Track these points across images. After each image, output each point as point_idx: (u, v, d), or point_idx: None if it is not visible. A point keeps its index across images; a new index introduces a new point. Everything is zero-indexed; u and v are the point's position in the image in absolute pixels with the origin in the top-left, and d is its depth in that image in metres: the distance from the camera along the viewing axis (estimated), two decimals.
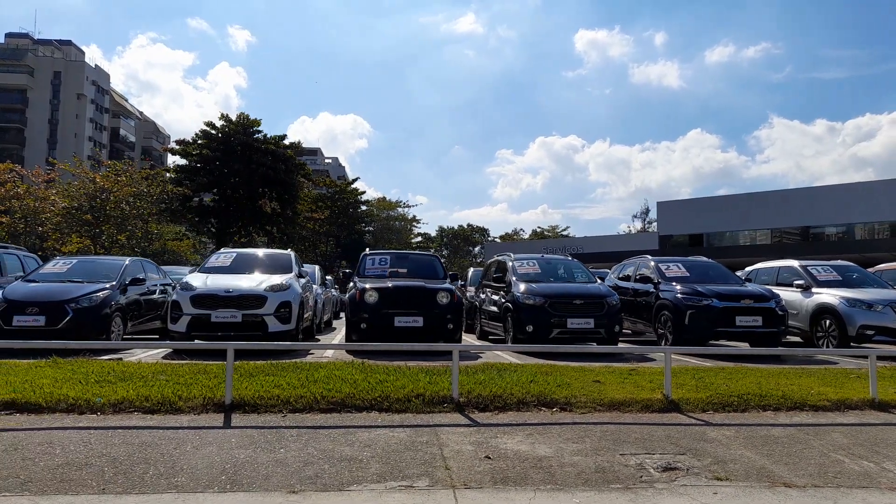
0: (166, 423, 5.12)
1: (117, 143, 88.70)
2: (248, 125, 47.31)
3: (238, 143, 45.95)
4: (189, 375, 6.49)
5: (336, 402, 5.67)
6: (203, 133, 46.86)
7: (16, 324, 8.66)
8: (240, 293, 9.06)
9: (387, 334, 9.26)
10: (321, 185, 59.52)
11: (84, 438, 4.62)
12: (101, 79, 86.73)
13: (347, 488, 3.79)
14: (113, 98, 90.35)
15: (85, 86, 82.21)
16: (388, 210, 71.26)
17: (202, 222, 47.93)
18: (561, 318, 9.58)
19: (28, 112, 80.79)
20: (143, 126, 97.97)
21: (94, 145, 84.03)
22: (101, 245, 43.78)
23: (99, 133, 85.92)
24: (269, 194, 47.47)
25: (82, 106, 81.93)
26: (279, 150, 48.34)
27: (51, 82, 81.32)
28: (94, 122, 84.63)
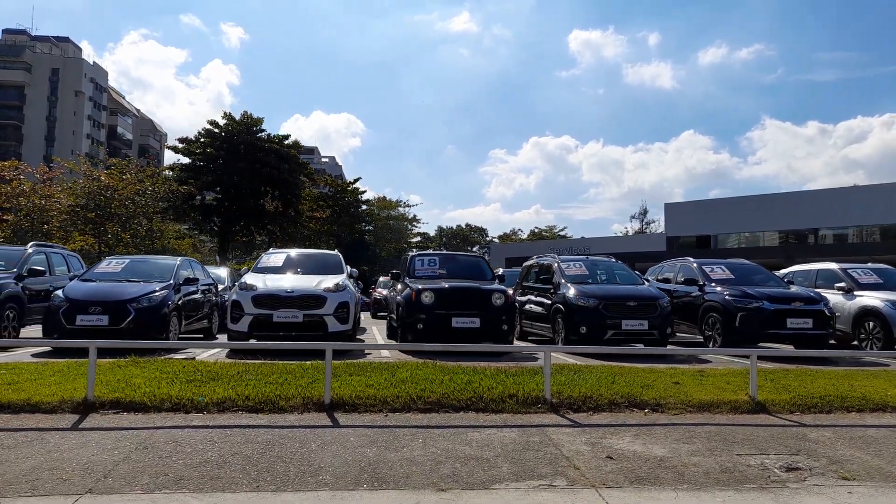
0: (276, 422, 5.19)
1: (114, 141, 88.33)
2: (252, 124, 47.36)
3: (242, 142, 46.02)
4: (277, 375, 6.56)
5: (432, 402, 5.75)
6: (206, 132, 46.93)
7: (79, 323, 8.71)
8: (301, 293, 9.13)
9: (444, 335, 9.33)
10: (323, 185, 59.62)
11: (207, 437, 4.69)
12: (99, 76, 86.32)
13: (492, 486, 3.87)
14: (110, 95, 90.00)
15: (83, 83, 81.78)
16: (389, 210, 71.40)
17: (205, 221, 48.01)
18: (615, 320, 9.66)
19: (25, 109, 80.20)
20: (140, 124, 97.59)
21: (92, 143, 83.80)
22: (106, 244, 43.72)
23: (97, 130, 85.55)
24: (271, 193, 47.58)
25: (80, 103, 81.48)
26: (283, 149, 48.48)
27: (48, 79, 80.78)
28: (92, 120, 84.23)
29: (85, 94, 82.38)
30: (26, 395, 5.54)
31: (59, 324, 8.74)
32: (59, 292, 9.18)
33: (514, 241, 79.63)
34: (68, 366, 6.93)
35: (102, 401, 5.46)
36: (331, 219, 56.83)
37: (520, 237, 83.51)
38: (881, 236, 43.82)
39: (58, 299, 9.02)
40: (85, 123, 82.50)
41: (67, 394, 5.57)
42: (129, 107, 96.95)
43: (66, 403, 5.38)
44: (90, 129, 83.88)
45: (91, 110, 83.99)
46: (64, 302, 8.90)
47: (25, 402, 5.36)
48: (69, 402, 5.41)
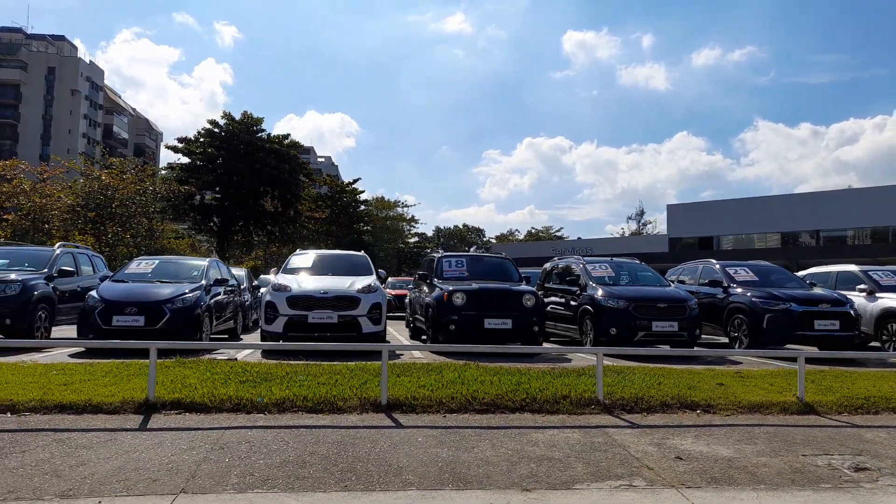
0: (339, 422, 5.24)
1: (110, 140, 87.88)
2: (252, 123, 47.38)
3: (242, 142, 46.03)
4: (327, 376, 6.61)
5: (487, 403, 5.80)
6: (207, 131, 46.92)
7: (115, 324, 8.73)
8: (335, 295, 9.18)
9: (476, 336, 9.38)
10: (322, 185, 59.69)
11: (278, 437, 4.73)
12: (95, 74, 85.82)
13: (574, 487, 3.92)
14: (107, 94, 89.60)
15: (79, 81, 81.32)
16: (387, 210, 71.53)
17: (204, 220, 48.00)
18: (645, 321, 9.73)
19: (21, 108, 79.72)
20: (136, 123, 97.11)
21: (88, 142, 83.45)
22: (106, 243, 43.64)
23: (93, 129, 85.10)
24: (271, 193, 47.62)
25: (76, 102, 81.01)
26: (283, 149, 48.50)
27: (45, 78, 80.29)
28: (88, 119, 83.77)
29: (81, 92, 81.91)
30: (85, 395, 5.57)
31: (94, 324, 8.77)
32: (94, 293, 9.20)
33: (511, 241, 79.80)
34: (116, 367, 6.96)
35: (163, 401, 5.50)
36: (329, 219, 56.92)
37: (517, 237, 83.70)
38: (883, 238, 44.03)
39: (92, 300, 9.04)
40: (81, 122, 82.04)
41: (127, 394, 5.61)
42: (125, 106, 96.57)
43: (128, 404, 5.42)
44: (86, 127, 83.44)
45: (87, 109, 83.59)
46: (99, 303, 8.92)
47: (87, 403, 5.39)
48: (131, 402, 5.44)
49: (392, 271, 56.83)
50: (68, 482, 3.74)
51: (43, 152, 76.27)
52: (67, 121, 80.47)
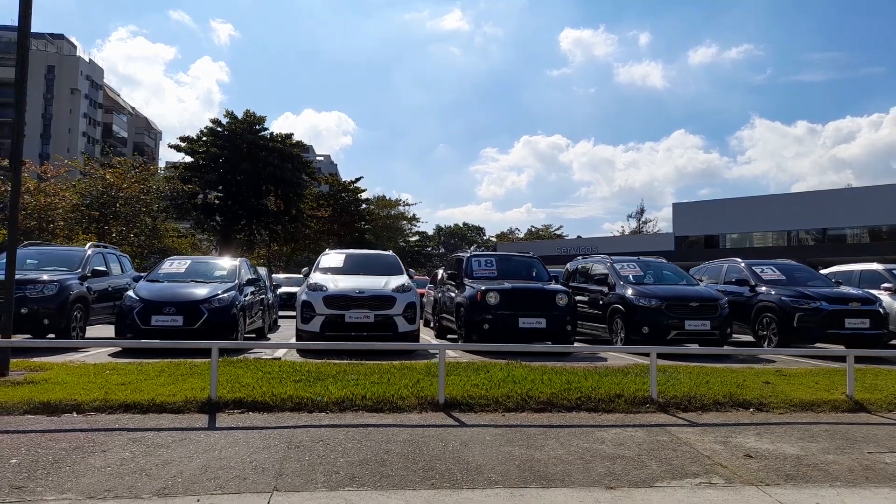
0: (403, 421, 5.29)
1: (109, 139, 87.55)
2: (254, 122, 47.42)
3: (245, 140, 46.09)
4: (378, 375, 6.67)
5: (543, 402, 5.86)
6: (209, 130, 46.95)
7: (154, 324, 8.78)
8: (371, 294, 9.23)
9: (510, 335, 9.44)
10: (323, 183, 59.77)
11: (349, 436, 4.78)
12: (95, 73, 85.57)
13: (655, 485, 3.97)
14: (106, 93, 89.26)
15: (79, 80, 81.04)
16: (389, 209, 71.69)
17: (206, 219, 48.06)
18: (678, 320, 9.79)
19: None
20: (135, 121, 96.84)
21: (88, 141, 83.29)
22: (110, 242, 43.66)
23: (93, 128, 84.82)
24: (273, 192, 47.69)
25: (76, 101, 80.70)
26: (286, 148, 48.56)
27: (44, 76, 79.59)
28: (88, 118, 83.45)
29: (81, 91, 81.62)
30: (147, 395, 5.62)
31: (133, 324, 8.81)
32: (131, 293, 9.25)
33: (512, 239, 79.90)
34: (167, 366, 7.02)
35: (225, 401, 5.55)
36: (331, 218, 57.02)
37: (517, 236, 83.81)
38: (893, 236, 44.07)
39: (130, 300, 9.09)
40: (81, 121, 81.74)
41: (189, 394, 5.66)
42: (124, 104, 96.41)
43: (191, 403, 5.47)
44: (86, 126, 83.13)
45: (87, 108, 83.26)
46: (138, 303, 8.97)
47: (150, 403, 5.44)
48: (193, 402, 5.49)
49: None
50: (159, 481, 3.79)
51: (42, 151, 76.24)
52: (67, 120, 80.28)
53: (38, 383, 6.03)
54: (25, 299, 8.74)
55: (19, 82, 6.13)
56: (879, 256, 34.90)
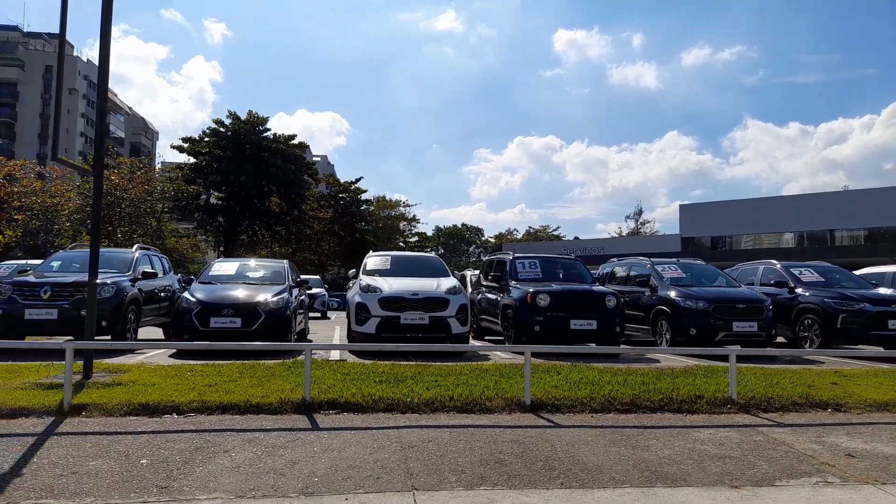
0: (497, 421, 5.38)
1: (106, 139, 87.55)
2: (257, 123, 47.51)
3: (248, 142, 46.19)
4: (454, 377, 6.76)
5: (627, 403, 5.95)
6: (212, 131, 47.02)
7: (213, 325, 8.85)
8: (425, 296, 9.31)
9: (561, 336, 9.53)
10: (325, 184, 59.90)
11: (455, 436, 4.86)
12: (93, 73, 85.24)
13: (776, 483, 4.07)
14: None
15: (77, 80, 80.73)
16: (389, 210, 71.97)
17: (209, 220, 48.14)
18: (725, 322, 9.88)
19: (18, 106, 79.08)
20: (132, 122, 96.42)
21: (86, 141, 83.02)
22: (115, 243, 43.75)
23: (91, 129, 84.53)
24: (276, 193, 47.80)
25: (74, 101, 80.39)
26: (289, 149, 48.67)
27: (42, 76, 79.49)
28: (86, 118, 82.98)
29: (79, 91, 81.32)
30: (239, 396, 5.70)
31: (191, 326, 8.88)
32: (187, 295, 9.32)
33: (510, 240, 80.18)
34: (243, 368, 7.10)
35: (319, 401, 5.63)
36: (332, 219, 57.16)
37: (515, 237, 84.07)
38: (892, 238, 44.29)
39: (187, 302, 9.16)
40: (79, 121, 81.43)
41: (282, 395, 5.74)
42: (121, 105, 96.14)
43: (287, 404, 5.55)
44: (84, 127, 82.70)
45: (85, 108, 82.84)
46: (196, 305, 9.03)
47: (246, 404, 5.52)
48: (289, 403, 5.57)
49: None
50: (296, 480, 3.87)
51: (40, 151, 76.07)
52: (65, 120, 79.71)
53: (127, 385, 6.11)
54: (84, 301, 8.79)
55: (102, 85, 6.21)
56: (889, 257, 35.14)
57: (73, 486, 3.72)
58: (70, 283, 8.94)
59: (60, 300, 8.76)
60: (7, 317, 8.59)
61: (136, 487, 3.72)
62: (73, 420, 5.13)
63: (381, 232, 68.85)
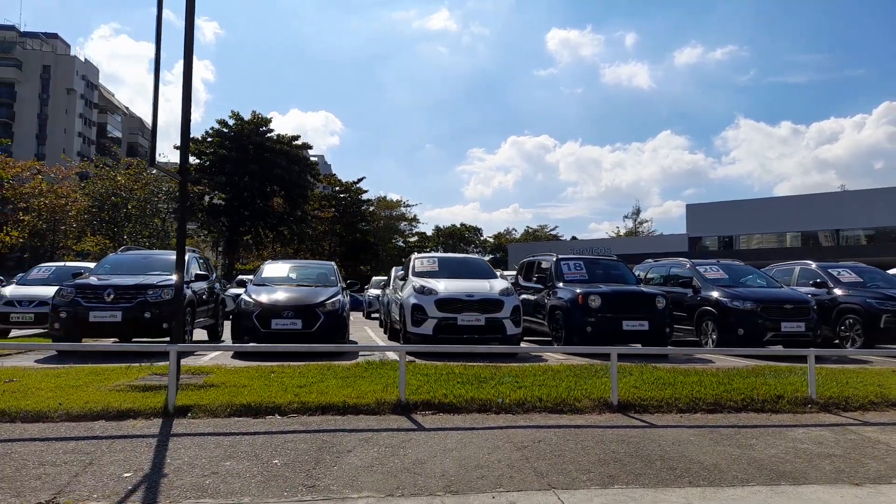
0: (592, 421, 5.50)
1: (104, 139, 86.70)
2: (260, 123, 47.59)
3: (251, 142, 46.27)
4: (531, 377, 6.87)
5: (711, 403, 6.08)
6: (216, 132, 47.10)
7: (274, 327, 8.96)
8: (481, 297, 9.43)
9: (613, 337, 9.65)
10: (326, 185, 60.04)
11: (560, 436, 4.98)
12: (91, 73, 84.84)
13: (894, 482, 4.19)
14: (101, 93, 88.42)
15: (75, 80, 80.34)
16: (391, 210, 72.14)
17: (213, 221, 48.21)
18: (773, 322, 10.02)
19: (16, 106, 78.62)
20: (129, 122, 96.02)
21: (84, 141, 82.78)
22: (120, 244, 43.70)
23: (88, 128, 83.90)
24: (278, 194, 47.92)
25: (72, 101, 79.94)
26: (292, 150, 48.80)
27: (40, 76, 79.22)
28: (84, 118, 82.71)
29: (77, 91, 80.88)
30: (333, 397, 5.81)
31: (254, 328, 8.99)
32: (246, 297, 9.43)
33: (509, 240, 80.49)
34: (322, 368, 7.24)
35: (415, 402, 5.74)
36: (334, 219, 57.35)
37: (514, 237, 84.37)
38: None
39: (247, 304, 9.26)
40: (77, 121, 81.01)
41: (377, 396, 5.86)
42: (118, 104, 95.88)
43: (384, 405, 5.66)
44: (82, 127, 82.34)
45: (83, 108, 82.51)
46: (256, 307, 9.14)
47: (345, 405, 5.63)
48: (385, 403, 5.69)
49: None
50: (435, 479, 3.97)
51: (38, 152, 75.81)
52: (63, 120, 79.59)
53: (219, 386, 6.21)
54: (147, 304, 8.91)
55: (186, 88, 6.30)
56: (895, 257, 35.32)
57: (223, 486, 3.82)
58: (132, 286, 9.04)
59: (123, 302, 8.85)
60: (72, 319, 8.69)
61: (283, 487, 3.82)
62: (182, 421, 5.23)
63: (382, 232, 69.07)
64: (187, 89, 6.39)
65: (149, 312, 8.83)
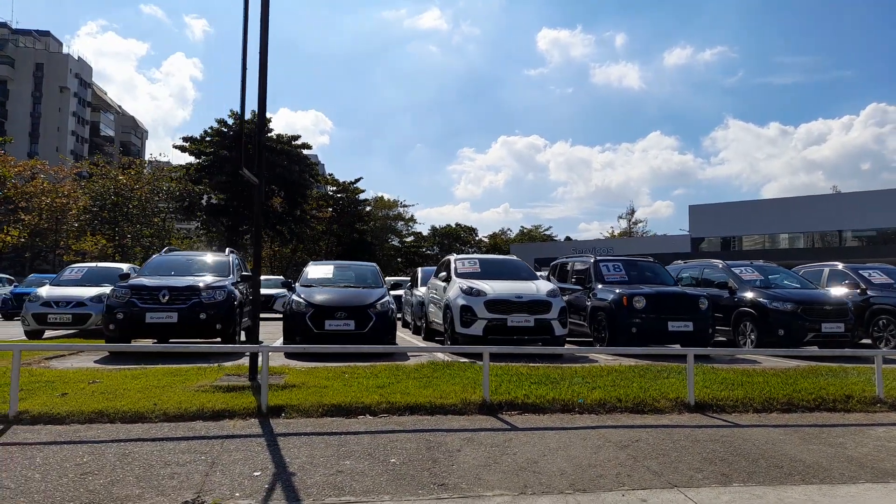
0: (676, 421, 5.62)
1: (97, 138, 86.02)
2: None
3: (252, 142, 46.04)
4: (600, 378, 6.98)
5: (785, 403, 6.21)
6: (215, 131, 47.03)
7: (328, 328, 9.05)
8: (530, 299, 9.54)
9: (659, 338, 9.79)
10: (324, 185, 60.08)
11: (656, 436, 5.09)
12: (84, 72, 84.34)
13: None
14: (94, 91, 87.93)
15: (68, 78, 79.86)
16: (388, 210, 72.23)
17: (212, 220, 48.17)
18: (813, 323, 10.17)
19: (8, 104, 78.00)
20: (122, 120, 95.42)
21: (77, 140, 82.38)
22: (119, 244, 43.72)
23: (81, 127, 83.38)
24: (277, 193, 47.94)
25: (65, 99, 79.46)
26: (293, 150, 48.80)
27: (32, 74, 78.66)
28: (77, 116, 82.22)
29: (70, 89, 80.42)
30: (418, 398, 5.90)
31: (306, 329, 9.06)
32: (297, 298, 9.50)
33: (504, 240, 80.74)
34: (381, 370, 7.32)
35: (498, 402, 5.85)
36: (331, 219, 57.40)
37: (509, 236, 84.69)
38: None
39: (299, 305, 9.34)
40: (70, 120, 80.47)
41: (461, 396, 5.96)
42: (111, 103, 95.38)
43: (469, 405, 5.77)
44: (75, 125, 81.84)
45: (76, 106, 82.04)
46: (309, 307, 9.22)
47: (431, 405, 5.73)
48: (471, 404, 5.79)
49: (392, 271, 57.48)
50: (557, 478, 4.07)
51: (31, 150, 75.40)
52: (56, 118, 79.02)
53: (300, 387, 6.29)
54: (202, 305, 8.97)
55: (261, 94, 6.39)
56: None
57: (356, 484, 3.90)
58: (186, 287, 9.10)
59: (178, 304, 8.91)
60: (129, 320, 8.74)
61: (414, 485, 3.92)
62: (279, 421, 5.32)
63: (379, 231, 69.18)
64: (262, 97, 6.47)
65: (204, 313, 8.89)
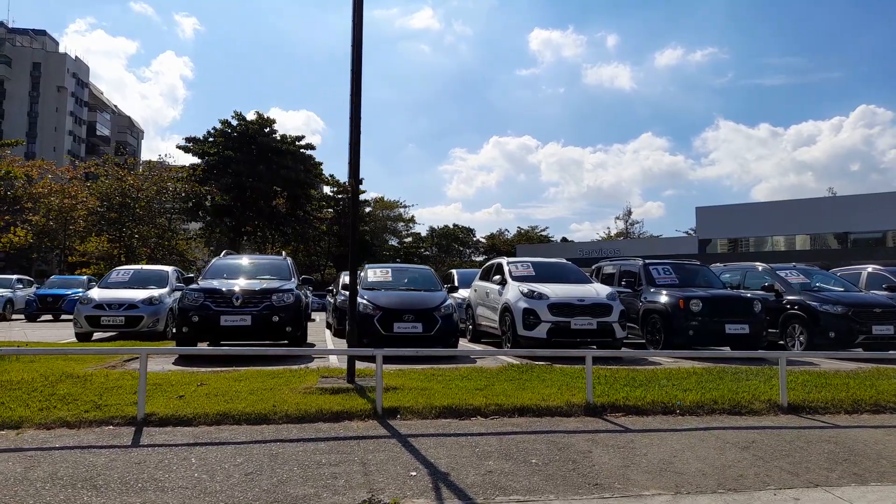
0: (777, 422, 5.80)
1: (93, 138, 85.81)
2: (265, 124, 47.67)
3: (256, 143, 46.38)
4: (687, 380, 7.16)
5: (871, 404, 6.40)
6: (219, 132, 47.11)
7: (396, 331, 9.21)
8: (592, 302, 9.72)
9: (716, 340, 9.98)
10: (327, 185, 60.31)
11: (768, 437, 5.26)
12: (81, 71, 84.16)
13: None
14: (91, 91, 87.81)
15: (66, 78, 79.63)
16: (388, 210, 72.50)
17: (217, 221, 48.27)
18: (865, 325, 10.39)
19: (6, 104, 77.69)
20: (118, 120, 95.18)
21: (74, 139, 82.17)
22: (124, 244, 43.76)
23: (79, 127, 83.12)
24: (280, 194, 48.10)
25: (63, 99, 79.19)
26: (298, 151, 48.95)
27: (30, 74, 78.44)
28: (74, 116, 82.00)
29: (67, 89, 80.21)
30: (522, 400, 6.08)
31: (375, 331, 9.21)
32: (364, 300, 9.63)
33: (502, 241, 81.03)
34: (471, 371, 7.48)
35: (603, 404, 6.03)
36: (333, 219, 57.59)
37: (506, 237, 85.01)
38: None
39: (365, 307, 9.47)
40: (67, 119, 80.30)
41: (564, 398, 6.15)
42: (107, 103, 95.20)
43: (574, 407, 5.95)
44: (72, 125, 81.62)
45: (73, 106, 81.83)
46: (376, 310, 9.37)
47: (537, 407, 5.91)
48: (576, 406, 5.97)
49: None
50: (702, 478, 4.23)
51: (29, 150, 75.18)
52: (53, 118, 78.77)
53: (400, 389, 6.45)
54: (273, 308, 9.12)
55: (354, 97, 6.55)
56: None
57: (516, 484, 4.05)
58: (258, 291, 9.25)
59: (251, 307, 9.05)
60: (203, 322, 8.88)
61: (571, 485, 4.08)
62: (398, 423, 5.48)
63: (378, 232, 69.43)
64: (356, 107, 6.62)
65: (276, 317, 9.04)
